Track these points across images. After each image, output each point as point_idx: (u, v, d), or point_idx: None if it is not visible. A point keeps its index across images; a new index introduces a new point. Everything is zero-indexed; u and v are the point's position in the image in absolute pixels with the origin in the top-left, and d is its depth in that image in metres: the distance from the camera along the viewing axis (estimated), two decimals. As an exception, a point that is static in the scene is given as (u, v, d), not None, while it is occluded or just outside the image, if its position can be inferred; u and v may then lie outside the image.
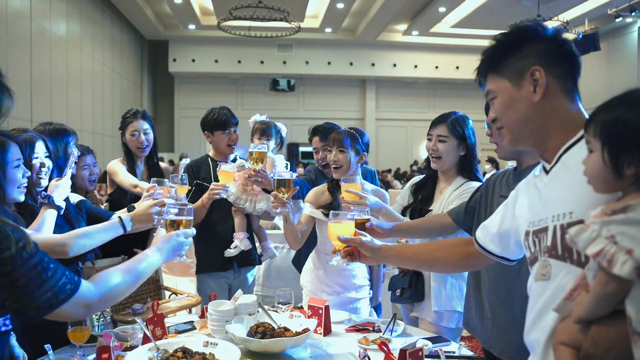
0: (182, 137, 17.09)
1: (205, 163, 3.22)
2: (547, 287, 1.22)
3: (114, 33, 13.72)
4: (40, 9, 9.29)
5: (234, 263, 3.16)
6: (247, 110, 12.78)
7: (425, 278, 2.63)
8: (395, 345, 2.11)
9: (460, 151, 2.59)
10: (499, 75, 1.36)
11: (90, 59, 11.94)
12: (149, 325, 2.13)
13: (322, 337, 2.28)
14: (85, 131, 11.41)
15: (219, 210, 3.13)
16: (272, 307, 2.40)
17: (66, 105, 10.47)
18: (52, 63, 9.79)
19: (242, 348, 1.96)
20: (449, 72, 17.16)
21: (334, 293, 2.75)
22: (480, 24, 14.27)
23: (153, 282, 3.28)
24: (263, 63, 16.63)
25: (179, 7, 13.23)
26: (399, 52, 16.87)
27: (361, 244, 1.89)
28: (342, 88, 17.93)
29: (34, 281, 1.12)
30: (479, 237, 1.63)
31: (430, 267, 1.90)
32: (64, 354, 2.05)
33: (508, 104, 1.34)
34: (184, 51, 16.30)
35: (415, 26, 14.92)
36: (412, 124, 17.79)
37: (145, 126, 3.27)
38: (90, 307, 1.28)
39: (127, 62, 14.94)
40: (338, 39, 16.13)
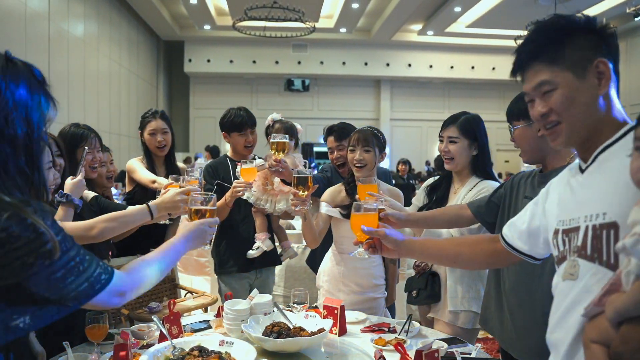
0: (197, 137, 17.17)
1: (224, 163, 3.24)
2: (574, 287, 1.21)
3: (131, 34, 13.84)
4: (58, 10, 9.40)
5: (256, 263, 3.18)
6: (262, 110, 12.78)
7: (442, 279, 2.62)
8: (410, 346, 2.11)
9: (473, 151, 2.58)
10: (557, 65, 1.28)
11: (107, 60, 12.06)
12: (166, 323, 2.15)
13: (337, 337, 2.28)
14: (102, 131, 11.45)
15: (240, 211, 3.15)
16: (288, 307, 2.41)
17: (83, 105, 10.58)
18: (70, 63, 9.90)
19: (258, 347, 1.97)
20: (464, 72, 17.04)
21: (351, 292, 2.74)
22: (496, 23, 14.17)
23: (169, 281, 3.31)
24: (278, 63, 16.65)
25: (195, 7, 13.30)
26: (414, 52, 16.79)
27: (385, 236, 1.84)
28: (356, 88, 17.89)
29: (72, 272, 1.16)
30: (506, 234, 1.60)
31: (454, 263, 1.86)
32: (81, 351, 2.07)
33: (572, 97, 1.26)
34: (199, 51, 16.38)
35: (431, 26, 14.85)
36: (427, 124, 17.70)
37: (164, 126, 3.31)
38: (124, 295, 1.32)
39: (143, 62, 15.05)
40: (353, 39, 16.11)
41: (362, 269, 2.76)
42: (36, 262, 1.10)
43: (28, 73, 1.24)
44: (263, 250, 3.12)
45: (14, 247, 1.07)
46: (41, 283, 1.13)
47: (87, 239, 2.00)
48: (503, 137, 2.30)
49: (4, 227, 1.06)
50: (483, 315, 2.27)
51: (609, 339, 1.03)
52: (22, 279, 1.11)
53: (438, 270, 2.66)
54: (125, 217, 2.14)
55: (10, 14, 7.71)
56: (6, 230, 1.06)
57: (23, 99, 1.19)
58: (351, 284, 2.75)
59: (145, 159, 3.36)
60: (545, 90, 1.30)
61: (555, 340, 1.27)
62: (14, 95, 1.17)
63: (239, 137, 3.17)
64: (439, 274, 2.65)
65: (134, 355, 1.95)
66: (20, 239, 1.07)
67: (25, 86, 1.21)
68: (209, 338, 2.02)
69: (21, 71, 1.21)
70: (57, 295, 1.16)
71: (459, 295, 2.52)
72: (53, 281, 1.14)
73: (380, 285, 2.83)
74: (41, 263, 1.10)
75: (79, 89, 10.38)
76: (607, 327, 1.03)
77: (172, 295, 3.27)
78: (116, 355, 1.85)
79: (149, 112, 3.38)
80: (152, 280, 1.47)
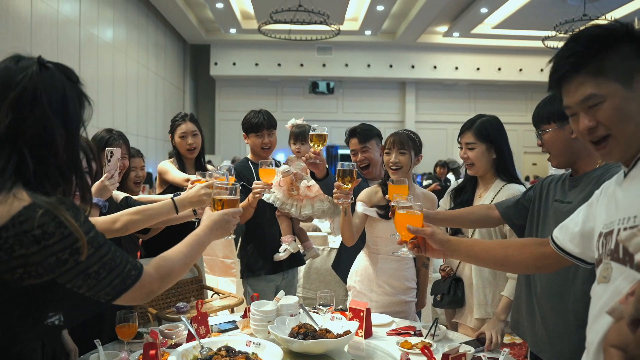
0: (223, 139, 17.32)
1: (245, 166, 3.27)
2: (606, 290, 1.21)
3: (158, 38, 14.03)
4: (88, 15, 9.59)
5: (283, 265, 3.21)
6: (287, 113, 12.81)
7: (465, 284, 2.60)
8: (437, 349, 2.10)
9: (492, 155, 2.56)
10: (604, 76, 1.23)
11: (135, 64, 12.24)
12: (194, 323, 2.18)
13: (363, 339, 2.28)
14: (130, 134, 11.68)
15: (266, 215, 3.18)
16: (313, 309, 2.42)
17: (112, 108, 10.76)
18: (99, 67, 10.08)
19: (284, 348, 1.98)
20: (491, 74, 16.86)
21: (383, 293, 2.74)
22: (524, 24, 14.00)
23: (196, 281, 3.35)
24: (303, 66, 16.70)
25: (221, 11, 13.43)
26: (439, 54, 16.68)
27: (431, 235, 1.80)
28: (381, 90, 17.84)
29: (104, 268, 1.20)
30: (557, 237, 1.55)
31: (501, 266, 1.82)
32: (111, 349, 2.11)
33: (623, 109, 1.22)
34: (225, 55, 16.53)
35: (456, 27, 14.73)
36: (453, 126, 17.52)
37: (194, 128, 3.36)
38: (153, 290, 1.35)
39: (170, 66, 15.25)
40: (378, 41, 16.06)
41: (395, 271, 2.75)
42: (70, 258, 1.14)
43: (62, 76, 1.25)
44: (290, 253, 3.15)
45: (48, 243, 1.11)
46: (76, 279, 1.16)
47: (112, 232, 2.02)
48: (530, 139, 2.23)
49: (39, 224, 1.10)
50: (514, 319, 2.24)
51: (627, 343, 1.02)
52: (57, 276, 1.14)
53: (462, 276, 2.64)
54: (149, 210, 2.14)
55: (43, 20, 7.89)
56: (41, 227, 1.11)
57: (59, 104, 1.22)
58: (384, 285, 2.75)
59: (176, 161, 3.41)
60: (593, 104, 1.25)
61: (587, 343, 1.27)
62: (50, 101, 1.20)
63: (256, 138, 3.21)
64: (462, 279, 2.63)
65: (162, 354, 1.98)
66: (55, 236, 1.12)
67: (60, 90, 1.23)
68: (236, 338, 2.04)
69: (55, 75, 1.23)
70: (91, 292, 1.19)
71: (486, 303, 2.50)
72: (87, 277, 1.17)
73: (412, 288, 2.82)
74: (75, 259, 1.14)
75: (108, 93, 10.57)
76: (627, 331, 1.02)
77: (199, 296, 3.30)
78: (146, 354, 1.88)
79: (179, 116, 3.43)
80: (179, 275, 1.49)
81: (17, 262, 1.10)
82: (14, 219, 1.10)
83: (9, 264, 1.10)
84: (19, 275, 1.11)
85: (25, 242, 1.09)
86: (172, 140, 3.41)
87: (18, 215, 1.10)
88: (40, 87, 1.19)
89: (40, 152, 1.19)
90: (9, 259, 1.09)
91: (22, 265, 1.10)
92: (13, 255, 1.09)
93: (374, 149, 3.23)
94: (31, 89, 1.18)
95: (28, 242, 1.10)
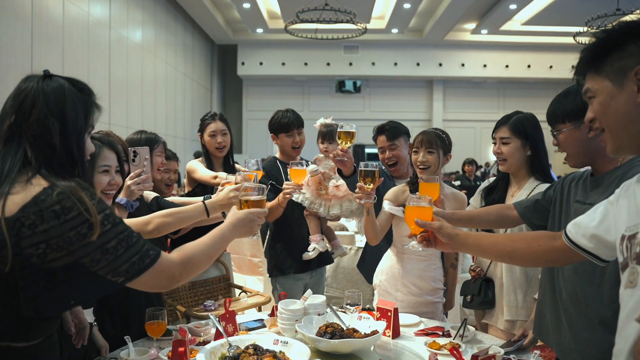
0: (250, 139, 17.43)
1: (274, 165, 3.28)
2: (633, 295, 1.16)
3: (186, 39, 14.18)
4: (118, 18, 9.74)
5: (312, 264, 3.22)
6: (314, 112, 12.83)
7: (496, 285, 2.56)
8: (466, 350, 2.08)
9: (527, 152, 2.51)
10: (599, 74, 1.30)
11: (163, 64, 12.40)
12: (221, 321, 2.19)
13: (391, 339, 2.26)
14: (159, 134, 11.79)
15: (294, 214, 3.19)
16: (341, 308, 2.41)
17: (141, 108, 10.92)
18: (129, 69, 10.24)
19: (312, 347, 1.98)
20: (520, 71, 16.61)
21: (409, 293, 2.72)
22: (554, 20, 13.74)
23: (224, 280, 3.37)
24: (329, 65, 16.70)
25: (248, 12, 13.51)
26: (467, 52, 16.50)
27: (439, 228, 1.81)
28: (408, 89, 17.73)
29: (122, 244, 1.27)
30: (570, 231, 1.52)
31: (509, 259, 1.79)
32: (140, 346, 2.14)
33: (607, 104, 1.28)
34: (252, 55, 16.62)
35: (485, 24, 14.55)
36: (482, 124, 17.34)
37: (223, 127, 3.38)
38: (174, 276, 1.39)
39: (198, 66, 15.40)
40: (404, 39, 15.97)
41: (421, 271, 2.73)
42: (89, 232, 1.22)
43: (65, 83, 1.38)
44: (319, 252, 3.15)
45: (68, 217, 1.21)
46: (94, 253, 1.24)
47: (144, 234, 2.03)
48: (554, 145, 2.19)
49: (57, 200, 1.21)
50: (537, 324, 2.19)
51: None
52: (77, 249, 1.22)
53: (493, 277, 2.60)
54: (181, 213, 2.17)
55: (75, 22, 8.05)
56: (59, 202, 1.21)
57: (58, 107, 1.33)
58: (410, 284, 2.72)
59: (204, 160, 3.44)
60: (589, 97, 1.35)
61: (617, 351, 1.22)
62: (48, 103, 1.32)
63: (286, 138, 3.22)
64: (493, 280, 2.59)
65: (191, 351, 2.00)
66: (73, 210, 1.21)
67: (60, 95, 1.35)
68: (264, 337, 2.05)
69: (56, 83, 1.36)
70: (110, 268, 1.26)
71: (517, 305, 2.45)
72: (105, 252, 1.24)
73: (439, 289, 2.79)
74: (92, 233, 1.22)
75: (137, 93, 10.72)
76: None
77: (227, 294, 3.33)
78: (175, 351, 1.89)
79: (208, 115, 3.46)
80: (201, 265, 1.52)
81: (40, 237, 1.21)
82: (35, 197, 1.22)
83: (33, 239, 1.20)
84: (42, 250, 1.21)
85: (46, 217, 1.21)
86: (201, 139, 3.44)
87: (39, 194, 1.22)
88: (39, 93, 1.33)
89: (40, 147, 1.31)
90: (32, 234, 1.20)
91: (44, 240, 1.21)
92: (36, 230, 1.20)
93: (402, 146, 3.21)
94: (31, 95, 1.32)
95: (49, 217, 1.21)
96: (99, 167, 2.03)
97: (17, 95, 1.34)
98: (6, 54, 6.10)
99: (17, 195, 1.23)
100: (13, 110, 1.32)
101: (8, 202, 1.22)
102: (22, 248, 1.20)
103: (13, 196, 1.23)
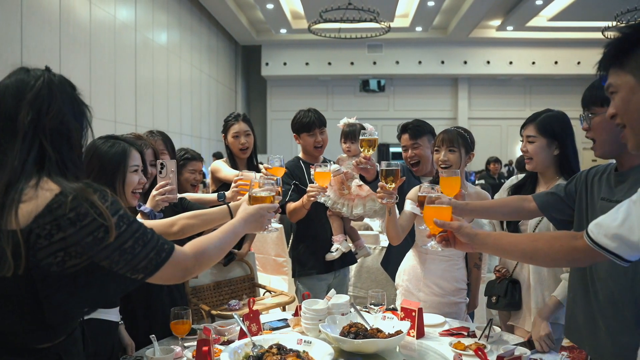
0: (274, 139, 17.50)
1: (297, 165, 3.29)
2: None
3: (210, 40, 14.30)
4: (143, 20, 9.87)
5: (335, 265, 3.22)
6: (338, 112, 12.81)
7: (523, 287, 2.52)
8: (491, 351, 2.05)
9: (554, 151, 2.46)
10: (623, 69, 1.30)
11: (188, 66, 12.52)
12: (245, 321, 2.20)
13: (415, 339, 2.25)
14: (184, 134, 11.99)
15: (317, 214, 3.19)
16: (364, 308, 2.40)
17: (167, 110, 11.05)
18: (154, 70, 10.37)
19: (335, 347, 1.98)
20: (547, 68, 16.34)
21: (432, 294, 2.69)
22: (582, 15, 13.47)
23: (248, 279, 3.39)
24: (353, 64, 16.66)
25: (271, 12, 13.56)
26: (492, 49, 16.29)
27: (458, 228, 1.78)
28: (433, 87, 17.59)
29: (138, 242, 1.28)
30: (592, 230, 1.48)
31: (530, 259, 1.77)
32: (166, 344, 2.16)
33: (629, 100, 1.28)
34: (276, 55, 16.69)
35: (510, 21, 14.35)
36: (508, 122, 17.12)
37: (246, 128, 3.40)
38: (188, 269, 1.41)
39: (222, 67, 15.52)
40: (429, 37, 15.85)
41: (444, 271, 2.70)
42: (106, 235, 1.21)
43: (65, 80, 1.37)
44: (342, 252, 3.15)
45: (84, 224, 1.20)
46: (113, 255, 1.24)
47: (169, 235, 2.04)
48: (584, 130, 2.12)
49: (71, 207, 1.20)
50: (568, 326, 2.14)
51: None
52: (96, 253, 1.22)
53: (519, 278, 2.56)
54: (205, 215, 2.17)
55: (101, 26, 8.18)
56: (75, 209, 1.20)
57: (69, 103, 1.33)
58: (432, 285, 2.70)
59: (228, 160, 3.46)
60: (610, 92, 1.36)
61: None
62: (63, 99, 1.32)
63: (308, 138, 3.22)
64: (520, 282, 2.55)
65: (215, 350, 2.01)
66: (88, 216, 1.20)
67: (69, 92, 1.35)
68: (287, 336, 2.05)
69: (61, 78, 1.36)
70: (128, 267, 1.27)
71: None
72: (123, 252, 1.25)
73: (462, 289, 2.76)
74: (109, 237, 1.22)
75: (163, 95, 10.86)
76: None
77: (251, 294, 3.35)
78: (199, 350, 1.91)
79: (231, 116, 3.48)
80: (213, 259, 1.55)
81: (57, 246, 1.19)
82: (48, 206, 1.20)
83: (50, 248, 1.19)
84: (61, 258, 1.20)
85: (62, 225, 1.19)
86: (225, 140, 3.47)
87: (51, 202, 1.20)
88: (54, 87, 1.31)
89: (59, 143, 1.29)
90: (49, 244, 1.19)
91: (62, 248, 1.20)
92: (52, 240, 1.19)
93: (425, 145, 3.18)
94: (47, 88, 1.30)
95: (65, 225, 1.19)
96: (131, 167, 2.06)
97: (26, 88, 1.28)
98: (36, 57, 6.23)
99: (29, 204, 1.20)
100: (28, 105, 1.26)
101: (20, 212, 1.19)
102: (39, 259, 1.19)
103: (24, 205, 1.20)
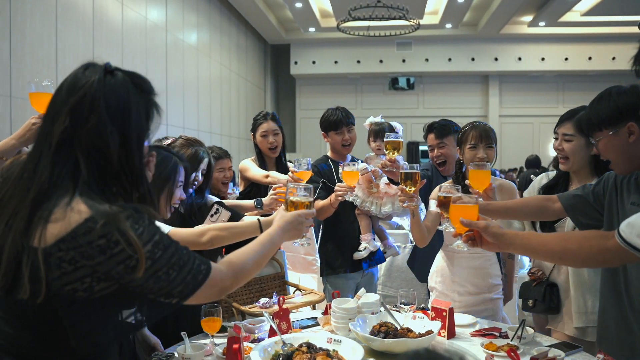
0: (304, 137, 17.53)
1: (325, 163, 3.28)
2: None
3: (240, 40, 14.40)
4: (174, 21, 9.99)
5: (362, 263, 3.21)
6: (367, 110, 12.76)
7: (561, 290, 2.47)
8: (524, 353, 2.02)
9: (591, 150, 2.38)
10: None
11: (218, 65, 12.63)
12: (275, 319, 2.21)
13: (446, 339, 2.23)
14: (214, 133, 12.10)
15: (346, 213, 3.18)
16: (395, 307, 2.39)
17: (197, 109, 11.16)
18: (185, 70, 10.49)
19: (365, 346, 1.97)
20: (580, 64, 15.97)
21: (467, 293, 2.65)
22: (617, 9, 13.12)
23: (279, 278, 3.40)
24: (382, 62, 16.57)
25: (300, 11, 13.59)
26: (524, 45, 16.00)
27: (485, 228, 1.75)
28: (463, 85, 17.38)
29: (173, 268, 1.20)
30: (623, 230, 1.46)
31: (559, 260, 1.73)
32: (196, 341, 2.18)
33: None
34: (305, 54, 16.71)
35: (542, 16, 14.08)
36: (540, 120, 16.81)
37: (275, 127, 3.41)
38: (225, 287, 1.34)
39: (251, 66, 15.61)
40: (459, 34, 15.66)
41: (477, 269, 2.66)
42: (137, 264, 1.14)
43: (128, 84, 1.25)
44: (370, 251, 3.14)
45: (115, 252, 1.12)
46: (147, 283, 1.17)
47: (198, 245, 2.05)
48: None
49: (101, 234, 1.11)
50: (600, 334, 2.08)
51: None
52: (128, 282, 1.15)
53: (557, 281, 2.50)
54: (235, 228, 2.17)
55: (133, 26, 8.31)
56: (105, 236, 1.11)
57: (119, 112, 1.21)
58: (467, 284, 2.66)
59: (257, 159, 3.48)
60: None
61: None
62: (109, 108, 1.20)
63: (336, 136, 3.22)
64: (558, 285, 2.49)
65: (245, 348, 2.03)
66: (120, 244, 1.12)
67: (123, 98, 1.23)
68: (317, 335, 2.06)
69: (120, 83, 1.23)
70: (163, 292, 1.19)
71: (586, 310, 2.34)
72: (158, 280, 1.17)
73: (498, 285, 2.71)
74: (139, 268, 1.14)
75: (193, 94, 10.97)
76: None
77: (281, 292, 3.36)
78: (229, 347, 1.93)
79: (260, 115, 3.50)
80: (251, 272, 1.48)
81: (83, 272, 1.12)
82: (74, 231, 1.11)
83: (75, 274, 1.12)
84: (88, 283, 1.13)
85: (89, 253, 1.11)
86: (254, 139, 3.48)
87: (78, 228, 1.11)
88: (100, 94, 1.19)
89: (94, 159, 1.19)
90: (73, 269, 1.11)
91: (89, 274, 1.13)
92: (77, 265, 1.11)
93: (452, 145, 3.15)
94: (90, 96, 1.18)
95: (93, 252, 1.11)
96: (178, 182, 2.08)
97: (74, 90, 1.19)
98: (69, 58, 6.38)
99: (56, 225, 1.11)
100: (68, 112, 1.18)
101: (46, 232, 1.11)
102: (63, 283, 1.11)
103: (51, 225, 1.11)
